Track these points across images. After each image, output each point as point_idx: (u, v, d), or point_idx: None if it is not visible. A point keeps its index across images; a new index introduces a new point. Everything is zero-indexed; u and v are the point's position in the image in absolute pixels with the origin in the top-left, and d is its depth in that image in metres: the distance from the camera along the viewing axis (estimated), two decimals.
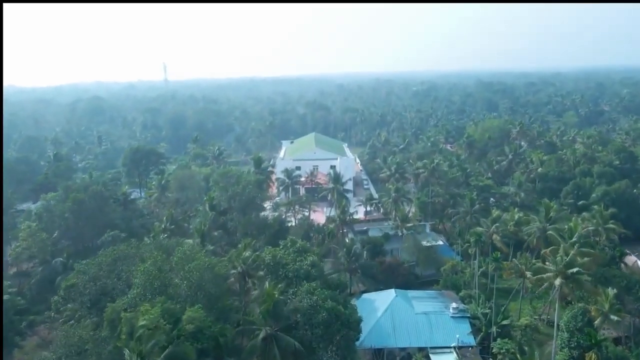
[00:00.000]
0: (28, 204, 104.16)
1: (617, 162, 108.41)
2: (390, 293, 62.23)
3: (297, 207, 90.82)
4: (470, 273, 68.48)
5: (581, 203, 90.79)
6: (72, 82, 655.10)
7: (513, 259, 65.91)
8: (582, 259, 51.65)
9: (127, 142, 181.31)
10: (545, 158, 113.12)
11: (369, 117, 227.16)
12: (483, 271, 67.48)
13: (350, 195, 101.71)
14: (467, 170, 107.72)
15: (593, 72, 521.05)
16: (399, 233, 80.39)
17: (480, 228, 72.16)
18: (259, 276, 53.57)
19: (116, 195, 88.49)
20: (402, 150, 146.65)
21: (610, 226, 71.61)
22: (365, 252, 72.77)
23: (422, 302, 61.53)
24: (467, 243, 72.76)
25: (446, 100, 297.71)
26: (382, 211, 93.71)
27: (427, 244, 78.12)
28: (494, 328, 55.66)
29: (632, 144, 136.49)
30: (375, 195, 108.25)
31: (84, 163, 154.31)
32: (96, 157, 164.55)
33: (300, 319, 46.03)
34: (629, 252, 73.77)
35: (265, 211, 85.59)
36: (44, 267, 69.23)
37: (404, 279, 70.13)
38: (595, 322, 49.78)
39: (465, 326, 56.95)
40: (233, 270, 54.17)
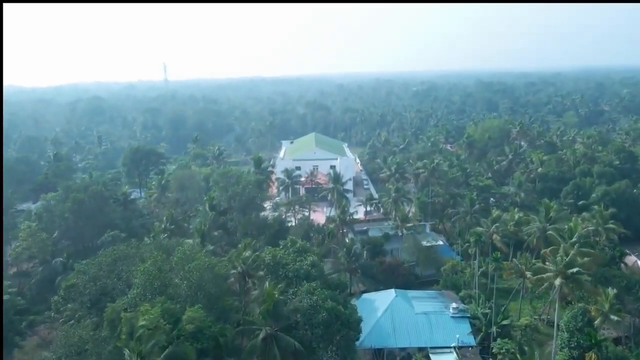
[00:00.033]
0: (28, 204, 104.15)
1: (617, 162, 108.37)
2: (390, 293, 62.20)
3: (297, 207, 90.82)
4: (470, 273, 68.44)
5: (581, 203, 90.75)
6: (72, 82, 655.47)
7: (513, 259, 65.86)
8: (582, 259, 51.63)
9: (127, 142, 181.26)
10: (545, 158, 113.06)
11: (369, 117, 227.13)
12: (483, 271, 67.45)
13: (350, 195, 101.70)
14: (467, 170, 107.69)
15: (593, 72, 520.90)
16: (399, 233, 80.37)
17: (480, 228, 72.12)
18: (259, 276, 53.56)
19: (116, 195, 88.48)
20: (402, 150, 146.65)
21: (610, 226, 71.57)
22: (365, 252, 72.73)
23: (422, 302, 61.50)
24: (467, 243, 72.73)
25: (446, 100, 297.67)
26: (382, 211, 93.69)
27: (427, 244, 78.09)
28: (494, 328, 55.64)
29: (632, 144, 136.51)
30: (375, 195, 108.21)
31: (84, 163, 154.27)
32: (96, 157, 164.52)
33: (300, 319, 46.00)
34: (629, 252, 73.73)
35: (265, 211, 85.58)
36: (44, 267, 69.20)
37: (404, 279, 70.09)
38: (595, 322, 49.75)
39: (465, 326, 56.91)
40: (233, 270, 54.17)
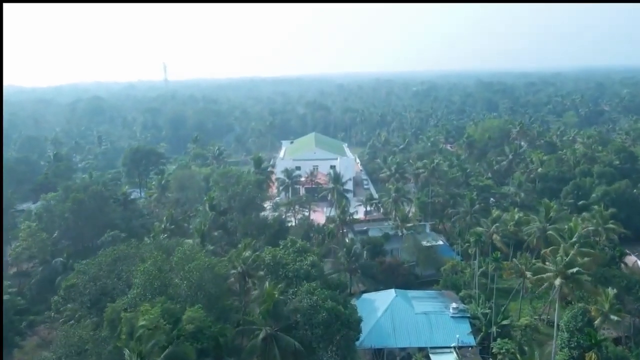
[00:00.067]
0: (28, 204, 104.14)
1: (617, 162, 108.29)
2: (390, 293, 62.18)
3: (297, 207, 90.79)
4: (470, 273, 68.40)
5: (581, 203, 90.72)
6: (72, 82, 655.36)
7: (513, 259, 65.85)
8: (582, 259, 51.60)
9: (127, 142, 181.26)
10: (545, 158, 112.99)
11: (369, 117, 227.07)
12: (483, 271, 67.41)
13: (350, 195, 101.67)
14: (467, 170, 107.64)
15: (593, 72, 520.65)
16: (399, 233, 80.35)
17: (480, 228, 72.09)
18: (259, 276, 53.54)
19: (116, 195, 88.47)
20: (402, 150, 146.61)
21: (610, 226, 71.52)
22: (365, 252, 72.71)
23: (422, 302, 61.48)
24: (467, 243, 72.72)
25: (446, 100, 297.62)
26: (382, 211, 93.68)
27: (427, 244, 78.08)
28: (494, 328, 55.62)
29: (632, 144, 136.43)
30: (375, 195, 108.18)
31: (84, 163, 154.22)
32: (96, 157, 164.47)
33: (300, 319, 45.99)
34: (629, 252, 73.70)
35: (265, 211, 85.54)
36: (44, 267, 69.18)
37: (404, 279, 70.06)
38: (595, 322, 49.75)
39: (465, 326, 56.89)
40: (233, 270, 54.14)
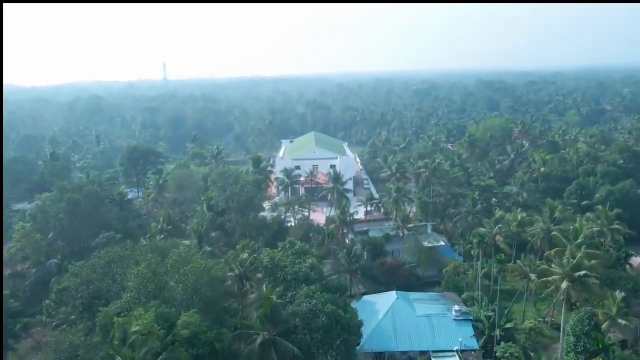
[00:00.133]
0: (24, 204, 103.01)
1: (621, 162, 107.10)
2: (391, 295, 61.04)
3: (297, 207, 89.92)
4: (472, 274, 67.25)
5: (585, 203, 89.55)
6: (72, 81, 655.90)
7: (517, 261, 64.64)
8: (589, 261, 50.34)
9: (126, 141, 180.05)
10: (547, 157, 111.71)
11: (369, 116, 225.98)
12: (486, 272, 66.20)
13: (350, 195, 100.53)
14: (469, 169, 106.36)
15: (593, 72, 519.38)
16: (400, 233, 79.24)
17: (483, 229, 71.04)
18: (257, 279, 52.38)
19: (112, 195, 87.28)
20: (403, 149, 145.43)
21: (615, 227, 70.35)
22: (365, 253, 71.66)
23: (424, 305, 60.27)
24: (470, 244, 71.60)
25: (447, 99, 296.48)
26: (383, 211, 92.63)
27: (429, 245, 76.92)
28: (498, 331, 54.60)
29: (635, 143, 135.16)
30: (375, 195, 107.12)
31: (82, 162, 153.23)
32: (94, 157, 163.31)
33: (299, 323, 44.95)
34: (634, 253, 72.46)
35: (264, 211, 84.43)
36: (38, 269, 68.17)
37: (405, 281, 69.02)
38: (602, 326, 48.54)
39: (467, 329, 55.76)
40: (230, 272, 52.92)
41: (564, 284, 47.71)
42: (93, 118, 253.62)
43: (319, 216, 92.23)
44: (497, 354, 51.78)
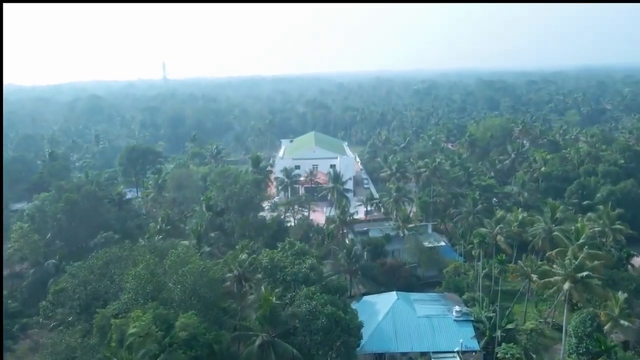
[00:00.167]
0: (22, 204, 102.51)
1: (622, 161, 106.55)
2: (391, 295, 60.67)
3: (297, 207, 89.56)
4: (473, 275, 66.84)
5: (586, 203, 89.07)
6: (72, 81, 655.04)
7: (519, 261, 64.20)
8: (592, 262, 49.85)
9: (126, 141, 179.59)
10: (548, 157, 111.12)
11: (369, 116, 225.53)
12: (486, 273, 65.79)
13: (350, 194, 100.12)
14: (469, 169, 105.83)
15: (594, 71, 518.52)
16: (400, 234, 78.76)
17: (483, 229, 70.57)
18: (256, 279, 51.92)
19: (111, 195, 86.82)
20: (403, 149, 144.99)
21: (617, 227, 69.83)
22: (365, 254, 71.26)
23: (425, 305, 59.92)
24: (470, 244, 71.18)
25: (447, 98, 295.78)
26: (383, 211, 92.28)
27: (429, 245, 76.55)
28: (499, 332, 54.21)
29: (636, 143, 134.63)
30: (375, 194, 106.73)
31: (81, 162, 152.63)
32: (94, 156, 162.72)
33: (298, 325, 44.57)
34: (636, 254, 72.00)
35: (263, 211, 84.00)
36: (36, 269, 67.70)
37: (406, 281, 68.66)
38: (605, 328, 48.08)
39: (468, 330, 55.41)
40: (229, 273, 52.41)
41: (567, 285, 47.24)
42: (92, 118, 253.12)
43: (319, 216, 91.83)
44: (498, 355, 51.47)
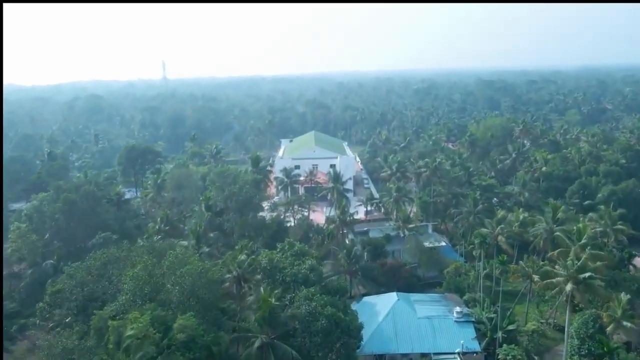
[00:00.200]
0: (21, 204, 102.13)
1: (624, 161, 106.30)
2: (391, 296, 60.25)
3: (296, 207, 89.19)
4: (474, 275, 66.42)
5: (587, 203, 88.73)
6: (72, 81, 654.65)
7: (520, 262, 63.78)
8: (594, 263, 49.42)
9: (125, 141, 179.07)
10: (549, 157, 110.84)
11: (369, 116, 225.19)
12: (487, 273, 65.37)
13: (350, 194, 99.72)
14: (470, 169, 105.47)
15: (594, 70, 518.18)
16: (401, 234, 78.29)
17: (484, 229, 70.14)
18: (256, 280, 51.52)
19: (109, 195, 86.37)
20: (403, 148, 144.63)
21: (618, 227, 69.46)
22: (365, 254, 70.88)
23: (425, 306, 59.51)
24: (471, 244, 70.78)
25: (447, 98, 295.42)
26: (383, 211, 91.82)
27: (430, 245, 76.14)
28: (500, 333, 53.79)
29: (637, 142, 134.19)
30: (376, 194, 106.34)
31: (81, 162, 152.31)
32: (93, 156, 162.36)
33: (298, 327, 44.20)
34: (637, 254, 71.59)
35: (263, 211, 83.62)
36: (34, 270, 67.38)
37: (406, 282, 68.26)
38: (607, 329, 47.65)
39: (469, 331, 55.02)
40: (228, 274, 51.99)
41: (569, 286, 46.76)
42: (92, 117, 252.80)
43: (319, 216, 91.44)
44: (500, 357, 51.08)
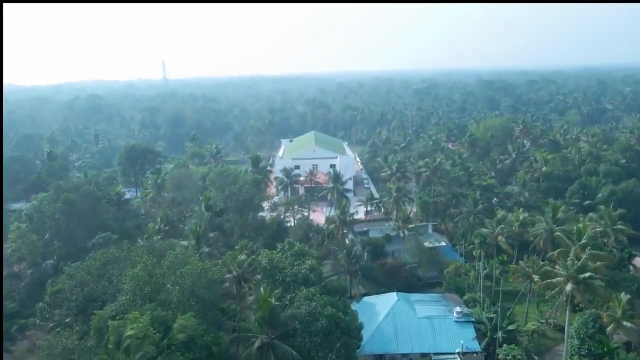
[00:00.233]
0: (21, 204, 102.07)
1: (624, 161, 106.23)
2: (391, 296, 60.22)
3: (296, 207, 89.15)
4: (474, 275, 66.40)
5: (587, 203, 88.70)
6: (72, 81, 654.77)
7: (520, 262, 63.76)
8: (594, 263, 49.40)
9: (125, 141, 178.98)
10: (549, 157, 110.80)
11: (369, 116, 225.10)
12: (487, 273, 65.35)
13: (350, 194, 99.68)
14: (470, 169, 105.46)
15: (594, 70, 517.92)
16: (401, 234, 78.27)
17: (484, 229, 70.11)
18: (256, 280, 51.50)
19: (109, 195, 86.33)
20: (403, 148, 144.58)
21: (619, 227, 69.42)
22: (365, 254, 70.84)
23: (425, 306, 59.50)
24: (471, 244, 70.75)
25: (447, 98, 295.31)
26: (383, 211, 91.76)
27: (430, 245, 76.12)
28: (500, 333, 53.77)
29: (637, 142, 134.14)
30: (376, 194, 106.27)
31: (81, 162, 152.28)
32: (93, 156, 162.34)
33: (298, 326, 44.16)
34: (637, 254, 71.56)
35: (263, 211, 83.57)
36: (34, 270, 67.34)
37: (406, 282, 68.23)
38: (607, 329, 47.62)
39: (469, 331, 54.99)
40: (228, 274, 51.97)
41: (569, 286, 46.73)
42: (92, 117, 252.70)
43: (319, 216, 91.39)
44: (500, 357, 51.05)
